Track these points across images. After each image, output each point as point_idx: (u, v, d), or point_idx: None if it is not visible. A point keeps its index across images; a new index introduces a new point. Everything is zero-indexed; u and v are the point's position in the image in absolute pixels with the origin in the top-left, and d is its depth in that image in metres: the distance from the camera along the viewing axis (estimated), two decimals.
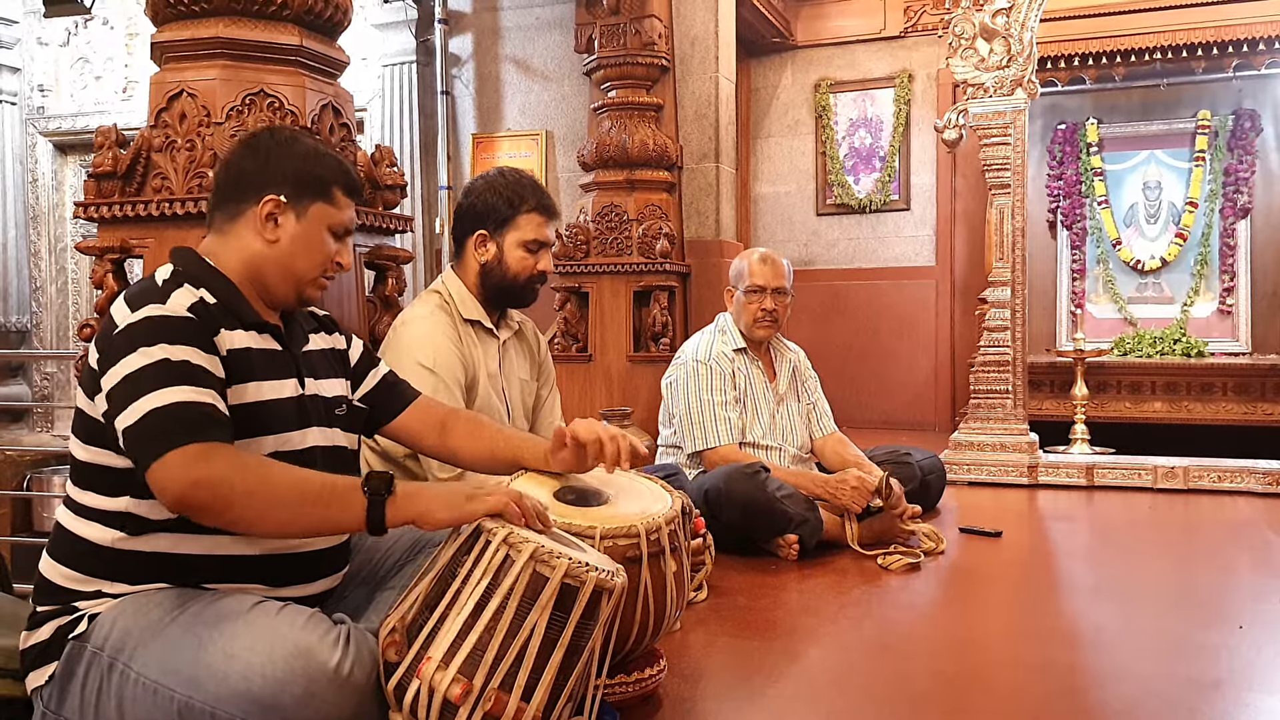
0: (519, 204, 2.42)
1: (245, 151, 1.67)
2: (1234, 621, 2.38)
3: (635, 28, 4.93)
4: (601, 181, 5.02)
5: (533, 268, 2.44)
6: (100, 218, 2.58)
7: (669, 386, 3.28)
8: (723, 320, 3.36)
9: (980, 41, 4.45)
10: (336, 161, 1.70)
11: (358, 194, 1.72)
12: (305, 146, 1.68)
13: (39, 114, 6.97)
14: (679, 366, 3.26)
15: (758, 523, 2.86)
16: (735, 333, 3.30)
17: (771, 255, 3.32)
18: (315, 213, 1.65)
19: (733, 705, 1.86)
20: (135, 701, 1.41)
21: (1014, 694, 1.97)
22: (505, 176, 2.47)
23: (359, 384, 1.81)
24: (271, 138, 1.68)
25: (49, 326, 7.17)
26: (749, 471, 2.87)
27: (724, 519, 2.83)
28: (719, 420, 3.14)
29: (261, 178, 1.63)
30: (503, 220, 2.42)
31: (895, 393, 6.23)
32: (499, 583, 1.39)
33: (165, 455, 1.36)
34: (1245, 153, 5.98)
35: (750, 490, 2.82)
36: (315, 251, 1.66)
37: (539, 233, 2.44)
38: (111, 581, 1.50)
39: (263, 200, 1.62)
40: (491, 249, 2.43)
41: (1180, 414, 5.76)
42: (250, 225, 1.63)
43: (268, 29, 2.58)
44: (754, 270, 3.25)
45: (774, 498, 2.83)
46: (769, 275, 3.24)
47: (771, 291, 3.24)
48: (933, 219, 6.37)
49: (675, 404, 3.24)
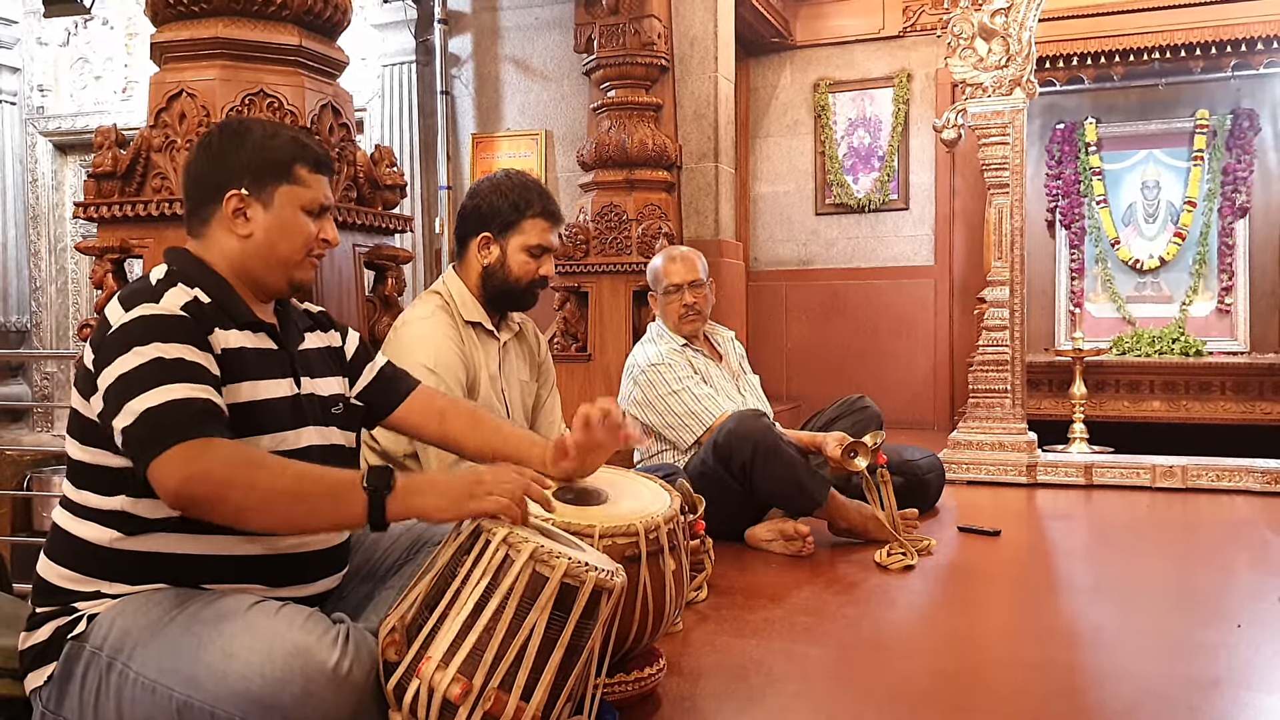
0: (524, 208, 2.41)
1: (200, 154, 1.66)
2: (1232, 620, 2.38)
3: (634, 28, 4.93)
4: (601, 181, 5.02)
5: (535, 272, 2.44)
6: (100, 218, 2.58)
7: (637, 405, 3.20)
8: (654, 328, 3.40)
9: (979, 41, 4.45)
10: (292, 139, 1.66)
11: (324, 167, 1.69)
12: (257, 134, 1.65)
13: (39, 114, 6.97)
14: (637, 379, 3.22)
15: (768, 466, 2.92)
16: (669, 334, 3.34)
17: (680, 251, 3.39)
18: (281, 197, 1.63)
19: (732, 704, 1.87)
20: (134, 701, 1.41)
21: (1013, 693, 1.97)
22: (511, 180, 2.45)
23: (356, 379, 1.81)
24: (221, 134, 1.66)
25: (49, 326, 7.17)
26: (756, 413, 3.04)
27: (735, 464, 2.93)
28: (702, 398, 3.16)
29: (220, 176, 1.62)
30: (507, 224, 2.42)
31: (894, 392, 6.22)
32: (499, 582, 1.39)
33: (163, 453, 1.36)
34: (1243, 152, 5.97)
35: (760, 429, 2.95)
36: (293, 234, 1.64)
37: (543, 238, 2.43)
38: (110, 581, 1.49)
39: (225, 198, 1.60)
40: (495, 251, 2.43)
41: (1179, 413, 5.76)
42: (222, 225, 1.62)
43: (267, 29, 2.58)
44: (667, 271, 3.33)
45: (781, 439, 2.98)
46: (682, 272, 3.31)
47: (688, 286, 3.29)
48: (931, 218, 6.38)
49: (653, 413, 3.19)
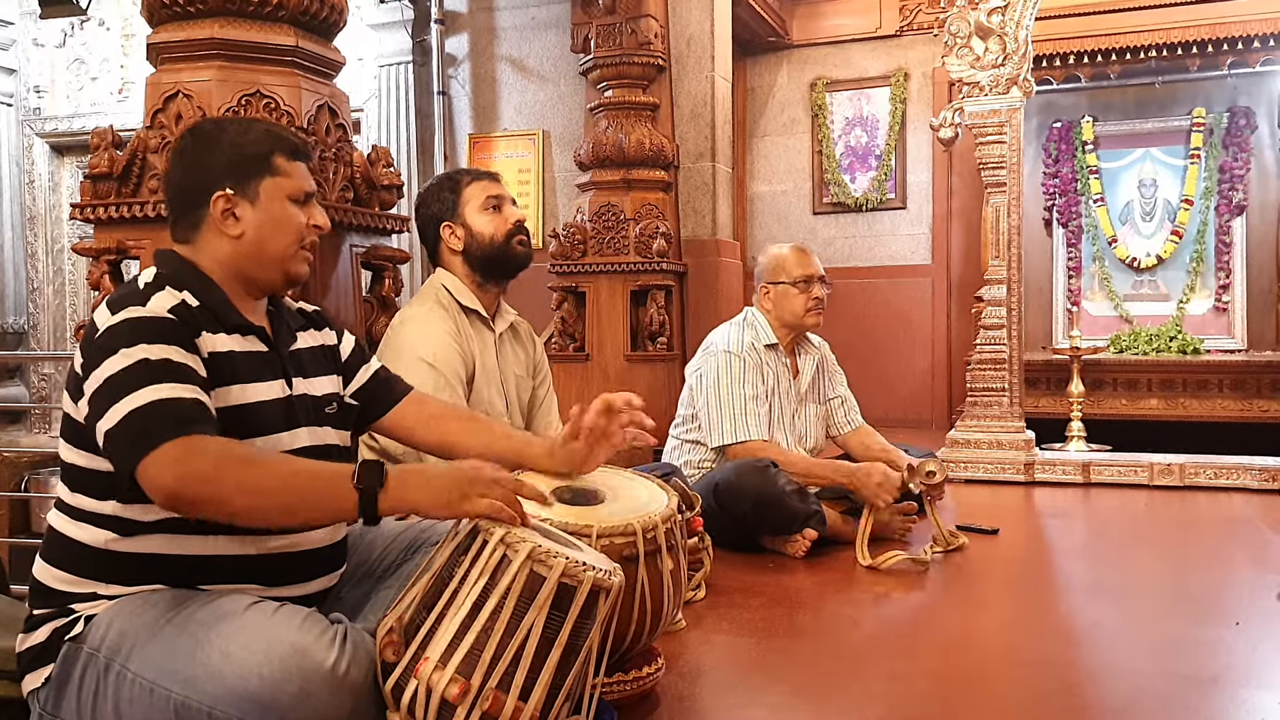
0: (458, 183, 2.55)
1: (177, 161, 1.66)
2: (1230, 618, 2.38)
3: (631, 27, 4.93)
4: (598, 181, 5.02)
5: (506, 222, 2.51)
6: (96, 219, 2.58)
7: (699, 377, 3.18)
8: (750, 315, 3.28)
9: (975, 40, 4.46)
10: (265, 131, 1.66)
11: (301, 154, 1.68)
12: (230, 132, 1.65)
13: (35, 115, 6.96)
14: (709, 357, 3.17)
15: (767, 517, 2.88)
16: (766, 328, 3.23)
17: (802, 245, 3.34)
18: (266, 190, 1.62)
19: (731, 704, 1.87)
20: (132, 702, 1.40)
21: (1012, 691, 1.98)
22: (436, 178, 2.62)
23: (350, 380, 1.80)
24: (194, 139, 1.66)
25: (46, 328, 7.16)
26: (760, 465, 2.89)
27: (734, 512, 2.85)
28: (749, 414, 3.08)
29: (201, 180, 1.61)
30: (453, 205, 2.53)
31: (892, 391, 6.23)
32: (496, 582, 1.39)
33: (151, 453, 1.35)
34: (1240, 150, 5.99)
35: (761, 484, 2.84)
36: (285, 227, 1.64)
37: (487, 190, 2.54)
38: (105, 583, 1.49)
39: (212, 201, 1.60)
40: (460, 232, 2.51)
41: (1176, 411, 5.77)
42: (212, 229, 1.61)
43: (263, 30, 2.57)
44: (799, 261, 3.24)
45: (784, 492, 2.85)
46: (813, 264, 3.26)
47: (818, 279, 3.25)
48: (929, 217, 6.38)
49: (705, 395, 3.13)
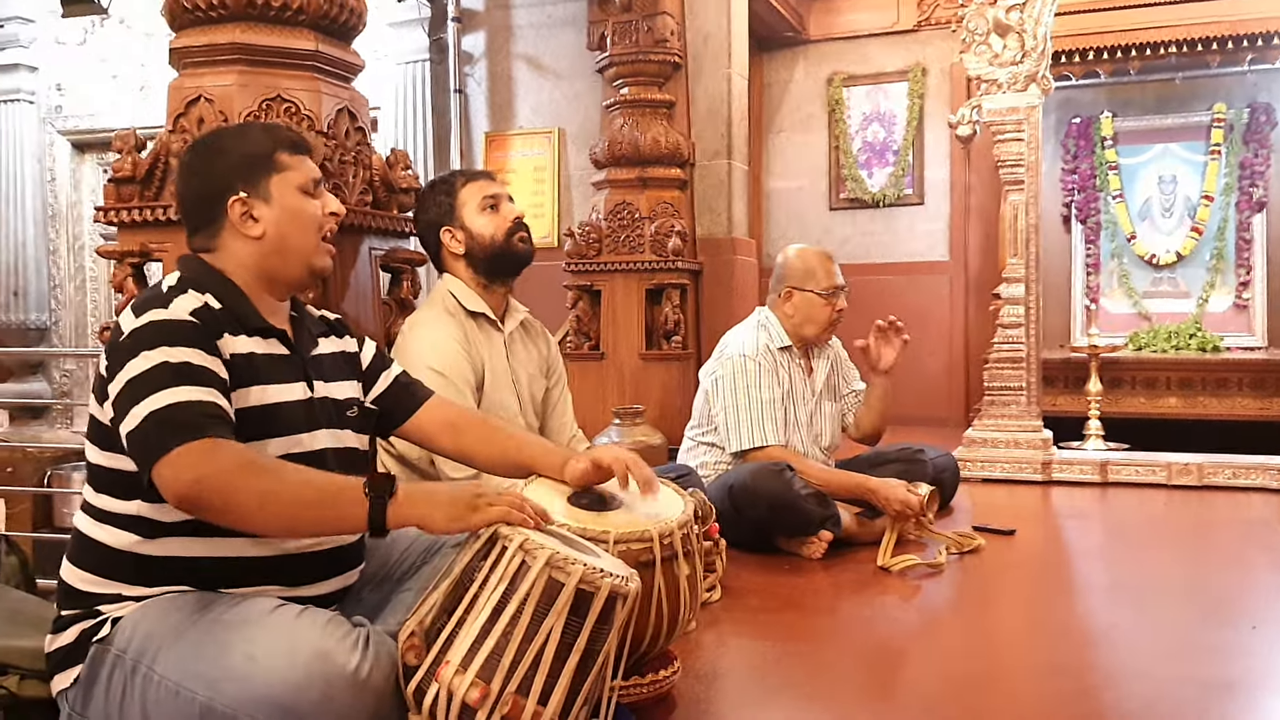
0: (453, 186, 2.56)
1: (185, 177, 1.71)
2: (1248, 621, 2.38)
3: (647, 25, 4.93)
4: (614, 179, 5.02)
5: (505, 220, 2.52)
6: (120, 222, 2.61)
7: (715, 381, 3.15)
8: (763, 315, 3.25)
9: (994, 37, 4.43)
10: (262, 130, 1.71)
11: (301, 147, 1.71)
12: (229, 139, 1.70)
13: (56, 113, 7.03)
14: (725, 362, 3.15)
15: (782, 520, 2.88)
16: (779, 330, 3.20)
17: (827, 252, 3.29)
18: (277, 186, 1.65)
19: (747, 706, 1.88)
20: (158, 704, 1.43)
21: (1028, 694, 1.98)
22: (430, 184, 2.63)
23: (371, 386, 1.82)
24: (197, 153, 1.72)
25: (68, 324, 7.24)
26: (775, 469, 2.89)
27: (749, 516, 2.85)
28: (767, 419, 3.05)
29: (214, 188, 1.64)
30: (451, 209, 2.54)
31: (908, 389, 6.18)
32: (515, 588, 1.40)
33: (166, 455, 1.38)
34: (1260, 146, 5.94)
35: (777, 488, 2.84)
36: (303, 219, 1.67)
37: (483, 190, 2.54)
38: (130, 585, 1.52)
39: (228, 206, 1.63)
40: (460, 235, 2.53)
41: (1195, 410, 5.73)
42: (232, 234, 1.65)
43: (284, 34, 2.59)
44: (828, 271, 3.19)
45: (799, 496, 2.84)
46: (839, 274, 3.22)
47: (842, 290, 3.22)
48: (946, 214, 6.36)
49: (721, 400, 3.12)
